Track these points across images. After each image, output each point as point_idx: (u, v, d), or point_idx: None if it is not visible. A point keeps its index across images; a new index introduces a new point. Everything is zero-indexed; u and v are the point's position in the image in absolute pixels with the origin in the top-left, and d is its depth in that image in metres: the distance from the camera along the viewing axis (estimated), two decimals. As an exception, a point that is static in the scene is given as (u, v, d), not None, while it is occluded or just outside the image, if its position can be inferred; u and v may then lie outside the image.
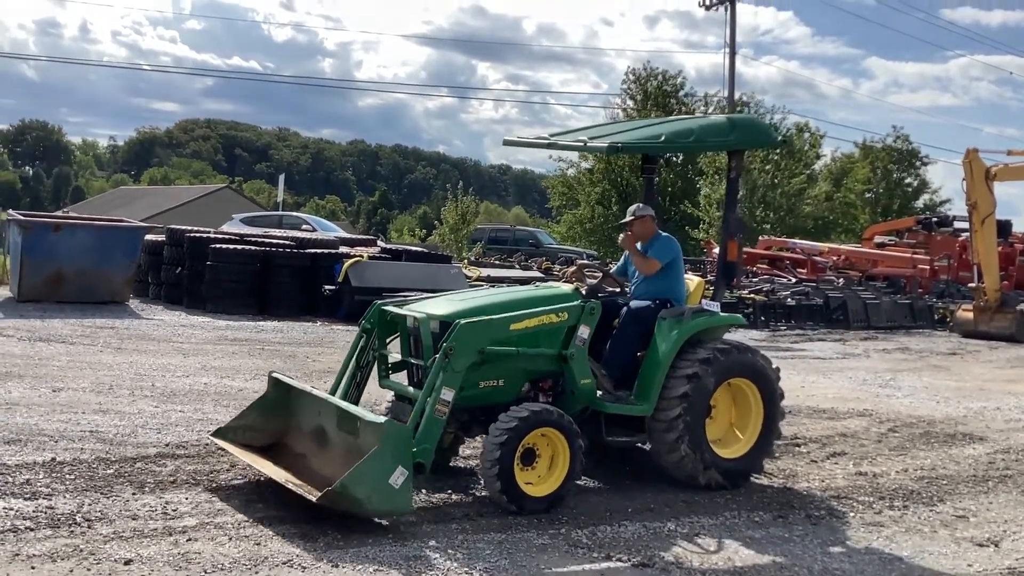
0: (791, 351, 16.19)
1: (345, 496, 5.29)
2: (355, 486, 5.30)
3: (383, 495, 5.36)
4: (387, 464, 5.38)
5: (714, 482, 6.61)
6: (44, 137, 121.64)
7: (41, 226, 15.70)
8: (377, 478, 5.35)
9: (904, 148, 55.11)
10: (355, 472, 5.33)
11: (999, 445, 8.87)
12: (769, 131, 9.19)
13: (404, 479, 5.40)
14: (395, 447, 5.42)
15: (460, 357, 5.90)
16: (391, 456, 5.40)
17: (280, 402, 6.55)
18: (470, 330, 6.01)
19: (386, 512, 5.51)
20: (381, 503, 5.40)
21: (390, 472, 5.37)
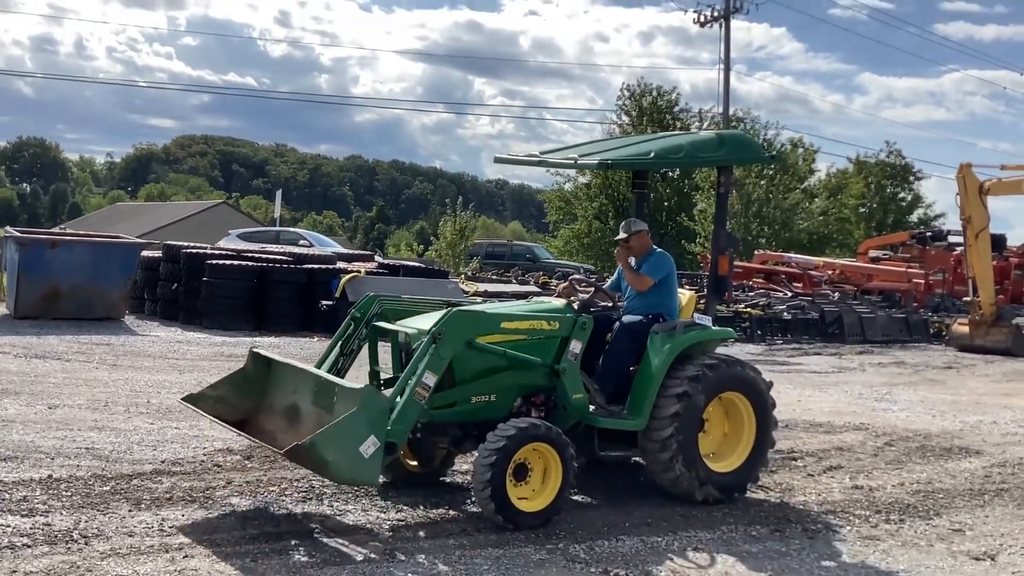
0: (787, 365, 16.21)
1: (313, 454, 5.19)
2: (325, 446, 5.21)
3: (351, 462, 5.29)
4: (360, 430, 5.32)
5: (711, 497, 6.61)
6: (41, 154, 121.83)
7: (38, 243, 15.71)
8: (349, 443, 5.28)
9: (898, 163, 55.36)
10: (328, 431, 5.26)
11: (995, 459, 8.88)
12: (758, 147, 9.25)
13: (375, 450, 5.33)
14: (371, 415, 5.37)
15: (448, 344, 5.91)
16: (366, 423, 5.34)
17: (257, 378, 6.45)
18: (461, 318, 6.07)
19: (350, 480, 5.41)
20: (348, 470, 5.32)
21: (362, 439, 5.31)
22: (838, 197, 46.95)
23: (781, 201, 39.64)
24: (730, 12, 40.47)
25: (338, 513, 6.06)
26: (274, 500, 6.25)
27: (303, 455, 5.23)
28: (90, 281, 15.50)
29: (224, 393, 6.44)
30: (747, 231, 38.53)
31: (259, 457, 7.40)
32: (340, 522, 5.88)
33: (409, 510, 6.20)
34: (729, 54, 40.76)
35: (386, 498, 6.43)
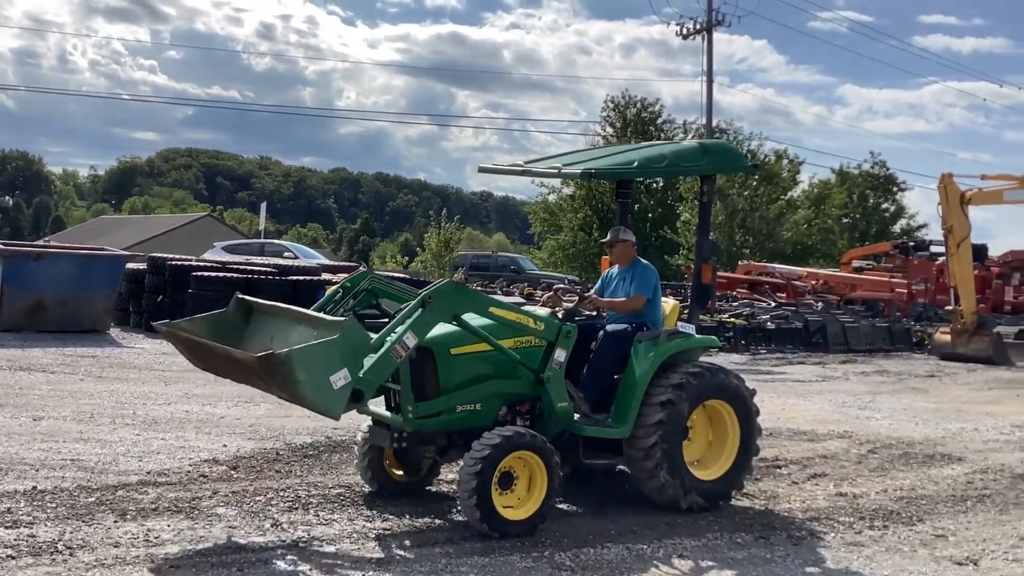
0: (771, 374, 16.28)
1: (284, 368, 5.17)
2: (299, 363, 5.19)
3: (319, 388, 5.27)
4: (335, 359, 5.31)
5: (696, 505, 6.64)
6: (24, 167, 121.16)
7: (22, 255, 15.64)
8: (321, 367, 5.26)
9: (881, 174, 55.75)
10: (305, 349, 5.25)
11: (977, 465, 8.96)
12: (741, 156, 9.33)
13: (344, 385, 5.33)
14: (350, 347, 5.37)
15: (435, 311, 5.94)
16: (342, 353, 5.33)
17: (236, 322, 6.38)
18: (453, 290, 6.13)
19: (313, 404, 5.37)
20: (314, 395, 5.30)
21: (335, 369, 5.29)
22: (821, 207, 47.23)
23: (765, 211, 39.87)
24: (712, 25, 40.76)
25: (324, 522, 6.07)
26: (260, 510, 6.25)
27: (274, 367, 5.18)
28: (75, 293, 15.45)
29: (200, 331, 6.28)
30: (731, 241, 38.73)
31: (245, 467, 7.41)
32: (326, 531, 5.88)
33: (395, 519, 6.21)
34: (712, 66, 41.07)
35: (372, 507, 6.44)
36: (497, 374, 6.36)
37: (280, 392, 5.43)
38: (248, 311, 6.48)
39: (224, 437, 8.48)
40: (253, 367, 5.34)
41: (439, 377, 6.16)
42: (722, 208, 38.08)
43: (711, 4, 40.90)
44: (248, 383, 5.88)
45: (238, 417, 9.50)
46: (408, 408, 6.06)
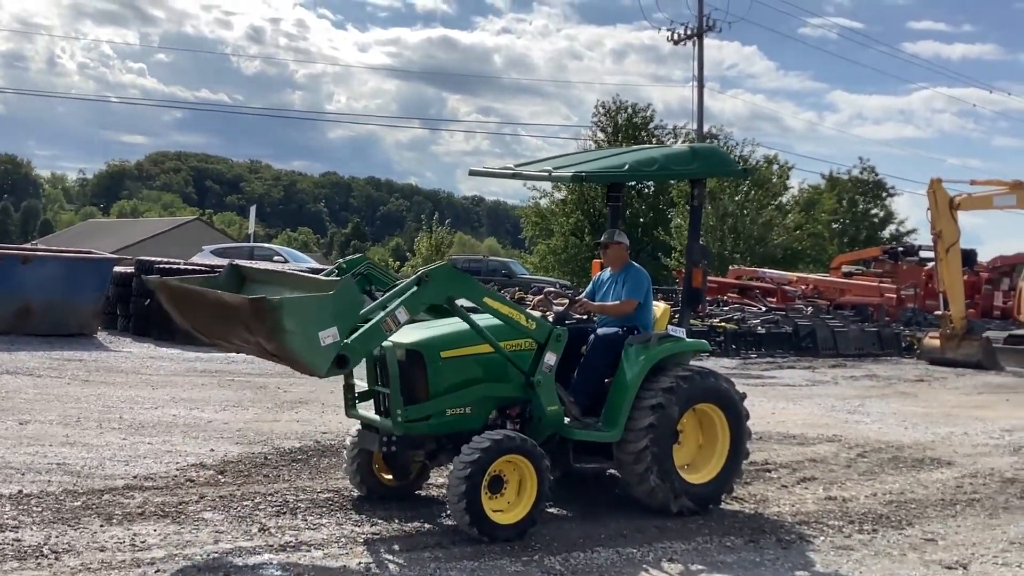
0: (761, 378, 16.30)
1: (274, 315, 5.11)
2: (289, 313, 5.15)
3: (306, 342, 5.23)
4: (326, 316, 5.28)
5: (686, 508, 6.63)
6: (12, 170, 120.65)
7: (9, 258, 15.55)
8: (311, 322, 5.23)
9: (871, 179, 55.95)
10: (296, 300, 5.22)
11: (967, 469, 8.97)
12: (731, 160, 9.35)
13: (331, 343, 5.29)
14: (343, 306, 5.36)
15: (430, 291, 5.95)
16: (334, 311, 5.31)
17: (228, 287, 6.28)
18: (450, 272, 6.15)
19: (297, 356, 5.31)
20: (300, 348, 5.24)
21: (326, 326, 5.26)
22: (811, 213, 47.38)
23: (756, 216, 39.98)
24: (703, 30, 40.85)
25: (312, 527, 6.03)
26: (248, 514, 6.21)
27: (264, 312, 5.12)
28: (62, 297, 15.37)
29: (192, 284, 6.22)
30: (722, 246, 38.82)
31: (232, 472, 7.36)
32: (314, 536, 5.84)
33: (384, 523, 6.18)
34: (702, 72, 41.15)
35: (361, 511, 6.41)
36: (487, 377, 6.34)
37: (267, 343, 5.33)
38: (241, 279, 6.41)
39: (211, 441, 8.43)
40: (244, 310, 5.26)
41: (429, 380, 6.14)
42: (712, 213, 38.16)
43: (702, 9, 41.05)
44: (233, 340, 5.74)
45: (226, 421, 9.45)
46: (397, 412, 6.03)
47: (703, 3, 41.00)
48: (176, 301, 6.06)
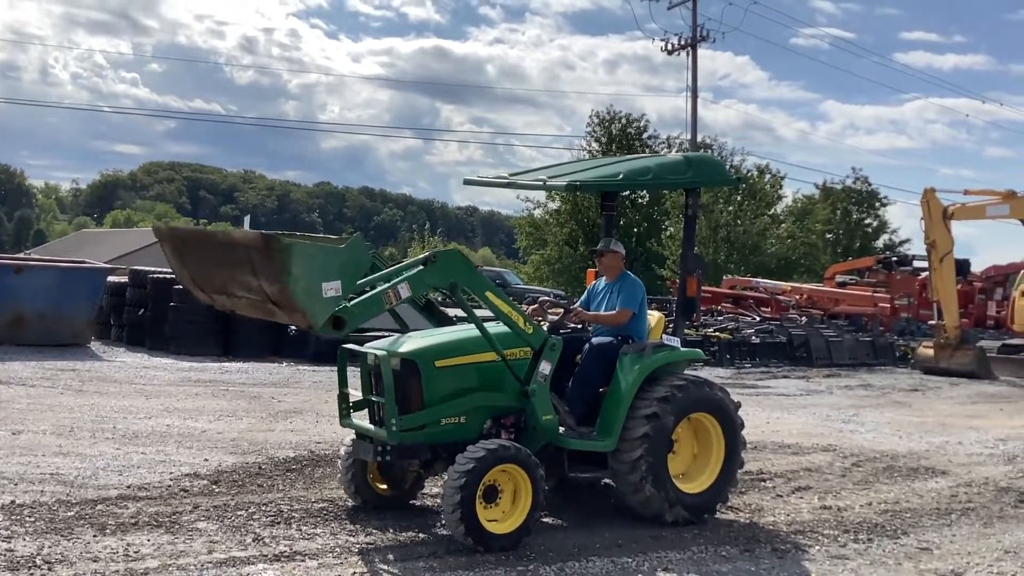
0: (756, 388, 16.30)
1: (283, 256, 5.13)
2: (298, 256, 5.17)
3: (309, 289, 5.25)
4: (333, 268, 5.31)
5: (681, 518, 6.62)
6: (5, 180, 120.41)
7: (2, 268, 15.52)
8: (317, 271, 5.25)
9: (864, 189, 56.08)
10: (308, 247, 5.25)
11: (961, 479, 8.97)
12: (724, 169, 9.37)
13: (333, 296, 5.32)
14: (350, 262, 5.39)
15: (435, 272, 6.00)
16: (341, 265, 5.34)
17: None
18: (457, 258, 6.20)
19: (297, 302, 5.28)
20: (302, 295, 5.25)
21: (330, 278, 5.29)
22: (804, 222, 47.49)
23: (749, 226, 40.05)
24: (697, 41, 40.98)
25: (307, 537, 6.01)
26: (242, 524, 6.19)
27: (274, 250, 5.14)
28: (56, 307, 15.34)
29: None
30: (716, 256, 38.88)
31: (226, 482, 7.34)
32: (309, 546, 5.82)
33: (379, 533, 6.16)
34: (696, 82, 41.27)
35: (355, 521, 6.39)
36: (482, 387, 6.34)
37: (270, 286, 5.32)
38: None
39: (205, 451, 8.41)
40: (254, 246, 5.26)
41: (423, 390, 6.13)
42: (706, 223, 38.23)
43: (696, 20, 41.19)
44: (233, 289, 5.71)
45: (220, 431, 9.42)
46: (392, 421, 6.02)
47: (697, 14, 41.18)
48: (182, 248, 6.05)
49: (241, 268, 5.45)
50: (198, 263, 5.99)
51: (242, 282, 5.55)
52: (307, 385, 13.27)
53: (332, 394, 6.83)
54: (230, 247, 5.57)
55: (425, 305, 6.82)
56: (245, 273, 5.45)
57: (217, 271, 5.79)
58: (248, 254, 5.32)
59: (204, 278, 5.98)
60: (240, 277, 5.52)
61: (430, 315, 6.87)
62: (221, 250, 5.67)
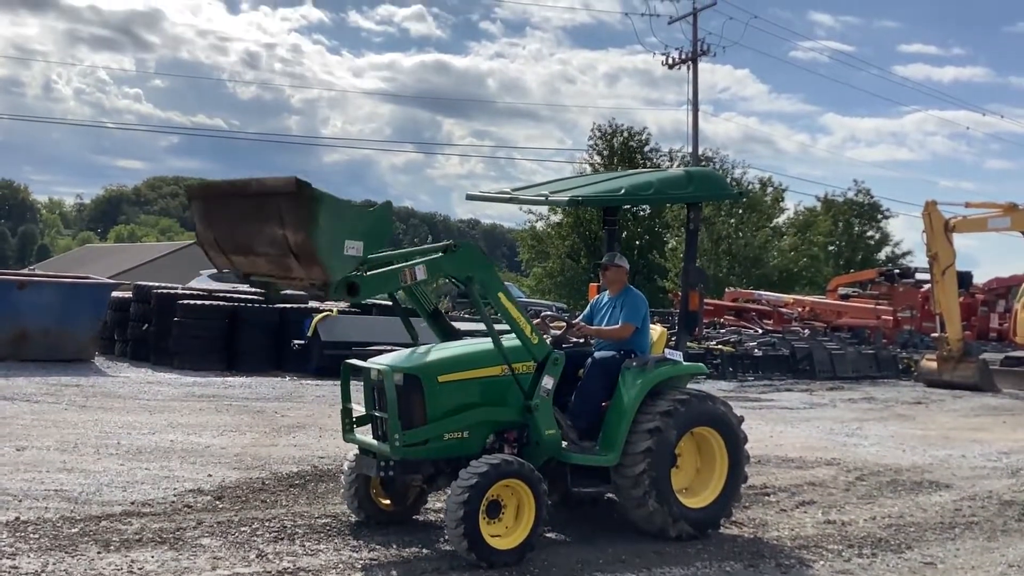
0: (759, 401, 16.29)
1: (313, 205, 5.20)
2: (328, 208, 5.25)
3: (331, 244, 5.30)
4: (358, 229, 5.38)
5: (684, 533, 6.61)
6: (9, 196, 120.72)
7: (5, 284, 15.56)
8: (342, 227, 5.32)
9: (865, 202, 56.13)
10: (338, 201, 5.31)
11: (965, 492, 8.96)
12: (726, 184, 9.39)
13: (353, 256, 5.38)
14: (377, 227, 5.47)
15: (453, 261, 6.07)
16: (367, 228, 5.41)
17: None
18: (477, 253, 6.25)
19: (317, 257, 5.31)
20: (324, 247, 5.29)
21: (354, 237, 5.36)
22: (806, 235, 47.52)
23: (751, 239, 40.06)
24: (698, 55, 41.11)
25: (310, 553, 6.01)
26: (245, 540, 6.19)
27: (306, 197, 5.21)
28: (59, 322, 15.37)
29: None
30: (717, 269, 38.88)
31: (230, 497, 7.34)
32: (312, 562, 5.82)
33: (382, 549, 6.16)
34: (697, 96, 41.37)
35: (359, 537, 6.39)
36: (484, 402, 6.35)
37: (294, 234, 5.35)
38: None
39: (209, 467, 8.41)
40: (288, 190, 5.31)
41: (426, 405, 6.14)
42: (708, 236, 38.24)
43: (696, 34, 41.33)
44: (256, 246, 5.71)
45: (223, 447, 9.43)
46: (395, 436, 6.02)
47: (698, 28, 41.33)
48: (212, 207, 6.10)
49: (269, 219, 5.49)
50: (226, 220, 6.02)
51: (267, 235, 5.58)
52: (310, 400, 13.28)
53: (335, 409, 6.84)
54: (262, 197, 5.61)
55: (433, 313, 6.84)
56: (272, 224, 5.49)
57: (244, 226, 5.81)
58: (278, 202, 5.39)
59: (228, 237, 6.00)
60: (266, 229, 5.55)
61: (436, 325, 6.88)
62: (252, 201, 5.71)
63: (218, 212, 6.10)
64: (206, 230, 6.15)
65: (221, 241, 6.09)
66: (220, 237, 6.08)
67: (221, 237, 6.07)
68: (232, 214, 5.95)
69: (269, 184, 5.54)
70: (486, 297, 6.28)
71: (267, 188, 5.56)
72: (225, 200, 6.06)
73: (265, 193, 5.56)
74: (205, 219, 6.14)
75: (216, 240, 6.11)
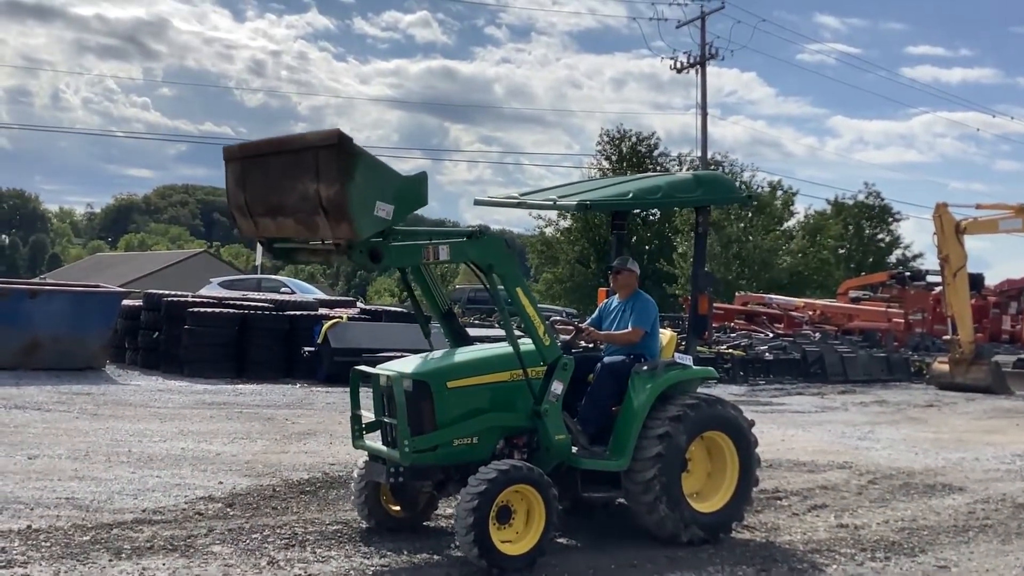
0: (770, 405, 16.24)
1: (353, 160, 5.25)
2: (365, 167, 5.30)
3: (363, 201, 5.32)
4: (392, 192, 5.41)
5: (696, 538, 6.58)
6: (20, 205, 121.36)
7: (17, 293, 15.62)
8: (376, 187, 5.36)
9: (876, 204, 55.97)
10: (376, 162, 5.36)
11: (978, 495, 8.91)
12: (735, 187, 9.39)
13: (383, 217, 5.40)
14: (410, 194, 5.52)
15: (477, 248, 6.10)
16: (400, 192, 5.44)
17: None
18: (502, 244, 6.26)
19: (347, 211, 5.30)
20: (356, 203, 5.30)
21: (386, 200, 5.38)
22: (816, 238, 47.43)
23: (760, 242, 39.99)
24: (706, 59, 41.09)
25: (321, 559, 6.01)
26: (256, 547, 6.19)
27: (347, 151, 5.25)
28: (70, 331, 15.41)
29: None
30: (727, 272, 38.81)
31: (241, 504, 7.35)
32: (323, 568, 5.82)
33: (393, 555, 6.16)
34: (706, 99, 41.35)
35: (369, 543, 6.38)
36: (494, 407, 6.34)
37: (328, 188, 5.34)
38: None
39: (220, 474, 8.42)
40: (329, 142, 5.33)
41: (436, 411, 6.13)
42: (717, 239, 38.20)
43: (704, 38, 41.32)
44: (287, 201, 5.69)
45: (234, 454, 9.44)
46: (405, 442, 6.02)
47: (706, 32, 41.32)
48: (247, 164, 6.06)
49: (305, 173, 5.49)
50: (259, 180, 5.98)
51: (300, 191, 5.56)
52: (320, 407, 13.29)
53: (345, 415, 6.84)
54: (301, 152, 5.61)
55: (446, 314, 6.84)
56: (307, 179, 5.48)
57: (277, 184, 5.79)
58: (317, 155, 5.40)
59: (259, 198, 5.96)
60: (300, 185, 5.54)
61: (448, 326, 6.88)
62: (290, 157, 5.71)
63: (253, 172, 6.05)
64: (238, 192, 6.11)
65: (251, 203, 6.04)
66: (251, 199, 6.04)
67: (252, 199, 6.03)
68: (267, 173, 5.93)
69: (310, 138, 5.57)
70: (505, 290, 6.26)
71: (308, 142, 5.57)
72: (262, 159, 6.03)
73: (305, 147, 5.57)
74: (239, 180, 6.10)
75: (246, 202, 6.06)
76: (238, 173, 6.10)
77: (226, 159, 6.22)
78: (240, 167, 6.10)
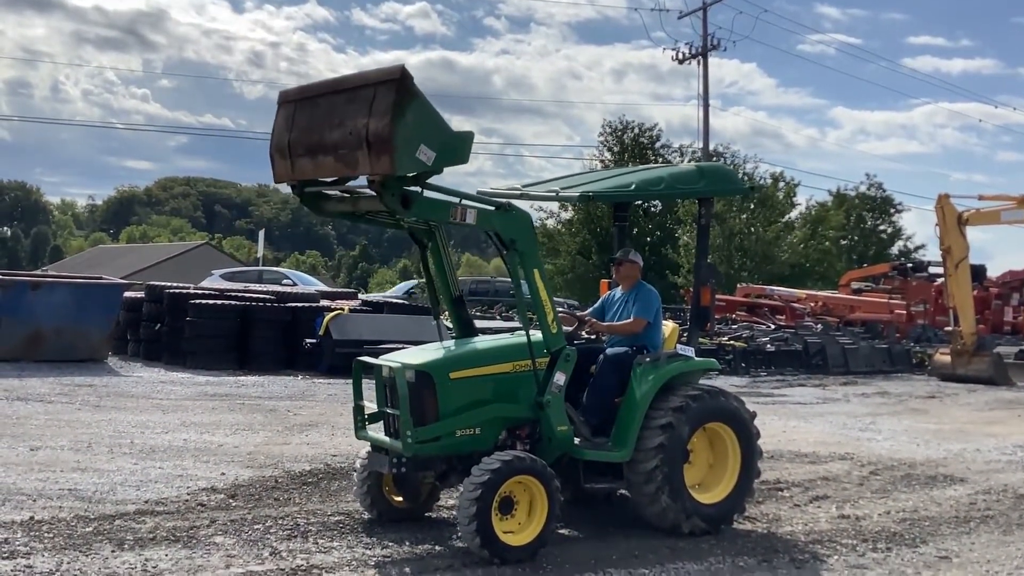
0: (772, 397, 16.25)
1: (407, 98, 5.31)
2: (418, 107, 5.35)
3: (408, 140, 5.35)
4: (439, 140, 5.46)
5: (697, 529, 6.60)
6: (22, 197, 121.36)
7: (19, 285, 15.63)
8: (425, 131, 5.40)
9: (878, 195, 55.90)
10: (431, 107, 5.41)
11: (980, 486, 8.91)
12: (737, 179, 9.36)
13: (423, 159, 5.42)
14: (454, 148, 5.56)
15: (503, 220, 6.08)
16: (446, 142, 5.50)
17: None
18: (528, 222, 6.28)
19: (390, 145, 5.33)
20: (401, 139, 5.32)
21: (431, 145, 5.43)
22: (818, 230, 47.36)
23: (762, 234, 39.95)
24: (708, 50, 40.99)
25: (323, 550, 6.02)
26: (259, 538, 6.20)
27: (406, 87, 5.30)
28: (72, 323, 15.43)
29: None
30: (729, 264, 38.79)
31: (243, 496, 7.36)
32: (326, 559, 5.83)
33: (395, 546, 6.17)
34: (708, 90, 41.26)
35: (372, 534, 6.40)
36: (496, 398, 6.35)
37: (378, 120, 5.36)
38: None
39: (222, 465, 8.44)
40: (391, 77, 5.37)
41: (438, 401, 6.14)
42: (719, 231, 38.16)
43: (706, 29, 41.22)
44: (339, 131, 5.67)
45: (236, 445, 9.45)
46: (407, 433, 6.03)
47: (707, 23, 41.22)
48: (302, 105, 6.05)
49: (357, 109, 5.51)
50: (309, 119, 5.97)
51: (347, 127, 5.57)
52: (322, 398, 13.31)
53: (347, 407, 6.84)
54: (359, 88, 5.63)
55: (456, 300, 6.85)
56: (358, 115, 5.50)
57: (327, 121, 5.79)
58: (375, 90, 5.44)
59: (303, 137, 5.95)
60: (348, 121, 5.56)
61: (456, 313, 6.89)
62: (347, 95, 5.72)
63: (305, 112, 6.04)
64: (284, 132, 6.09)
65: (293, 143, 6.03)
66: (295, 139, 6.02)
67: (296, 139, 6.01)
68: (319, 111, 5.92)
69: (372, 75, 5.61)
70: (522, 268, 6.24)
71: (368, 79, 5.61)
72: (317, 99, 6.03)
73: (365, 84, 5.60)
74: (288, 121, 6.09)
75: (289, 143, 6.05)
76: (290, 113, 6.11)
77: (280, 102, 6.22)
78: (293, 108, 6.11)
